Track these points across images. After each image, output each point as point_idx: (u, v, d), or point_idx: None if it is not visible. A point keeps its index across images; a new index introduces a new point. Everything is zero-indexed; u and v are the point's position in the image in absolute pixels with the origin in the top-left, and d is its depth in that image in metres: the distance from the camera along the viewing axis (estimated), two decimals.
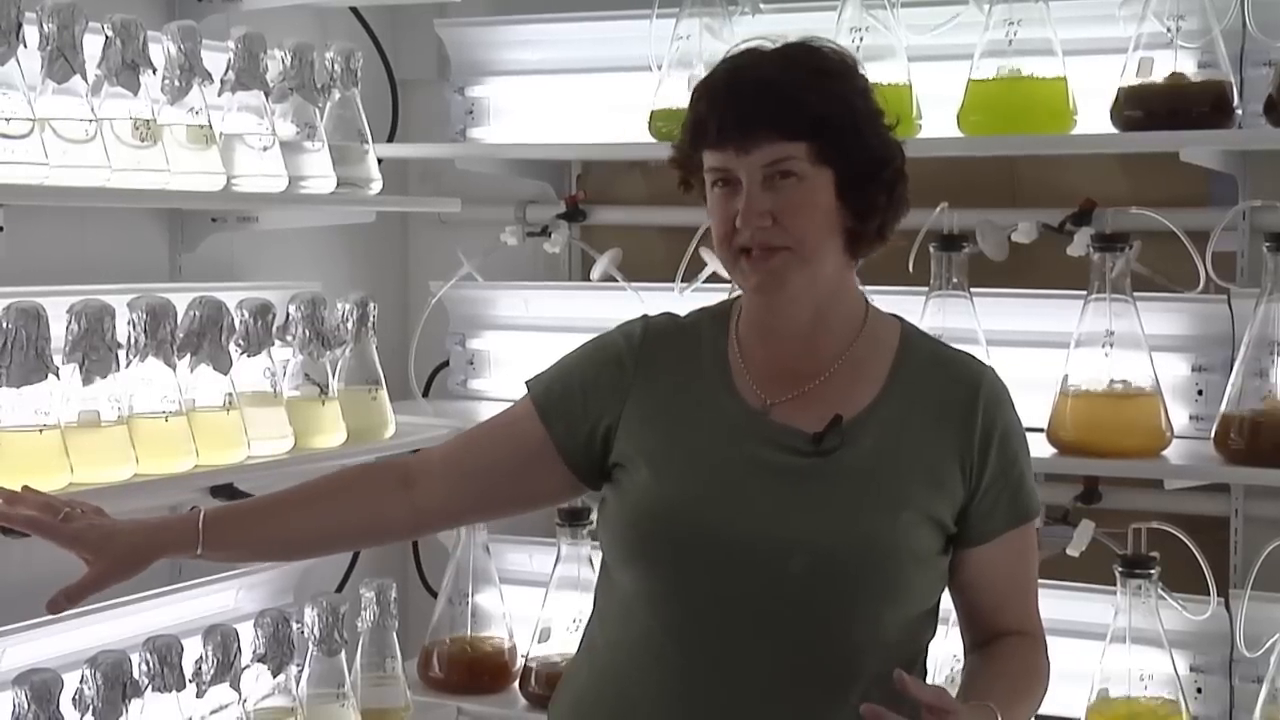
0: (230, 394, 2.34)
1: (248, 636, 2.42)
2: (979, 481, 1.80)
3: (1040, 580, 2.63)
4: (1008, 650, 1.86)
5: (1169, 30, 2.40)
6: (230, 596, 2.63)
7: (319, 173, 2.59)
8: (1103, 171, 2.75)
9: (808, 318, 1.80)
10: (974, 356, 1.91)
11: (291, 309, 2.54)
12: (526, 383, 1.91)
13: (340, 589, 2.92)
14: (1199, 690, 2.50)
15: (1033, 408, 2.49)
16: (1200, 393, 2.53)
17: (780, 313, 1.80)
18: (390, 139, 3.07)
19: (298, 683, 2.51)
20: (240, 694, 2.37)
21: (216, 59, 2.43)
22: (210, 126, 2.37)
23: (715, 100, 1.77)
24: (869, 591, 1.75)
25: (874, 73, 2.52)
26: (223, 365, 2.32)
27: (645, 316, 1.91)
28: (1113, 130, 2.45)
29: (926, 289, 2.56)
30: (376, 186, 2.74)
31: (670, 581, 1.78)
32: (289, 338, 2.53)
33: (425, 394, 3.15)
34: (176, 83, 2.32)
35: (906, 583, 1.77)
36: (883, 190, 1.78)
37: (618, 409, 1.83)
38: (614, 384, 1.85)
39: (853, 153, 1.74)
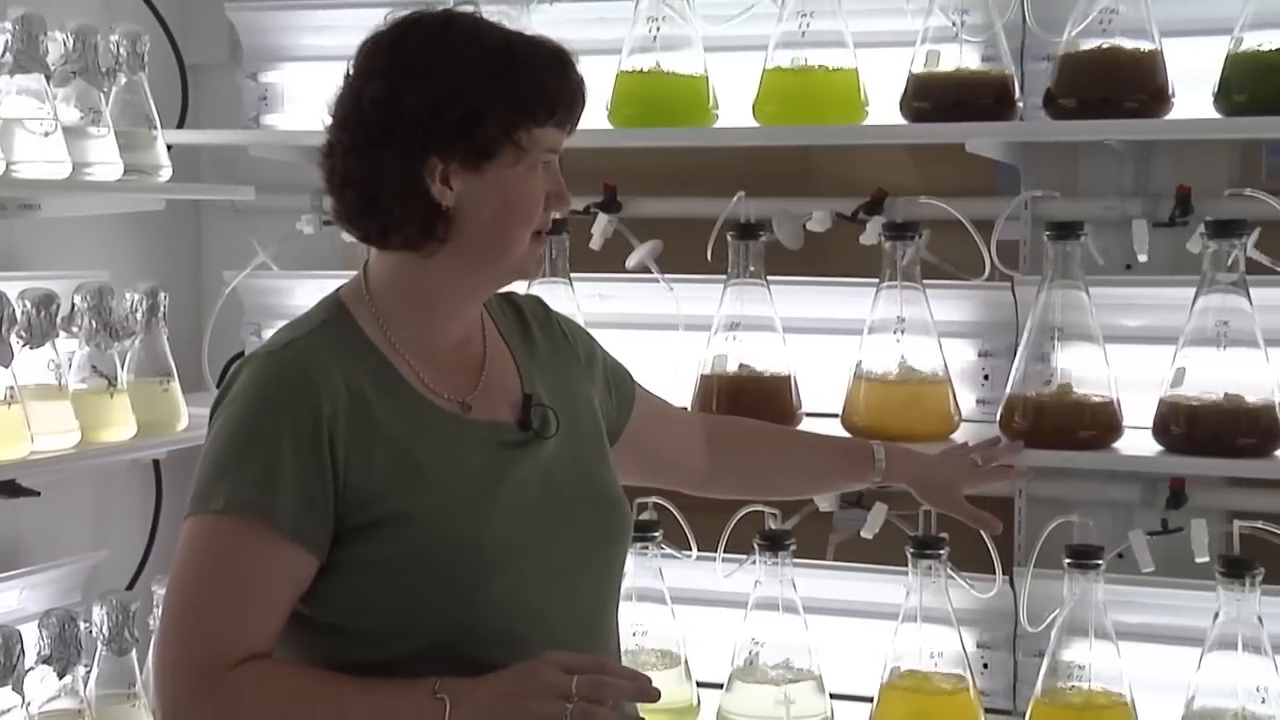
0: (12, 387, 2.26)
1: (31, 638, 2.34)
2: (605, 376, 1.90)
3: (835, 563, 2.72)
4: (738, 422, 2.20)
5: (954, 24, 2.46)
6: (14, 596, 2.55)
7: (105, 159, 2.52)
8: (894, 162, 2.81)
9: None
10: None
11: (77, 299, 2.46)
12: (240, 509, 1.61)
13: (131, 586, 2.85)
14: (985, 665, 2.59)
15: (827, 393, 2.56)
16: (986, 377, 2.61)
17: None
18: (180, 125, 2.99)
19: (85, 684, 2.44)
20: (24, 698, 2.30)
21: None
22: None
23: (568, 76, 1.70)
24: (629, 528, 1.83)
25: (670, 62, 2.58)
26: (3, 358, 2.25)
27: (284, 356, 1.72)
28: (902, 121, 2.51)
29: (724, 277, 2.59)
30: (166, 173, 2.67)
31: (505, 605, 1.64)
32: (74, 329, 2.45)
33: (219, 385, 3.07)
34: None
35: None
36: None
37: (341, 469, 1.63)
38: (325, 445, 1.63)
39: None
